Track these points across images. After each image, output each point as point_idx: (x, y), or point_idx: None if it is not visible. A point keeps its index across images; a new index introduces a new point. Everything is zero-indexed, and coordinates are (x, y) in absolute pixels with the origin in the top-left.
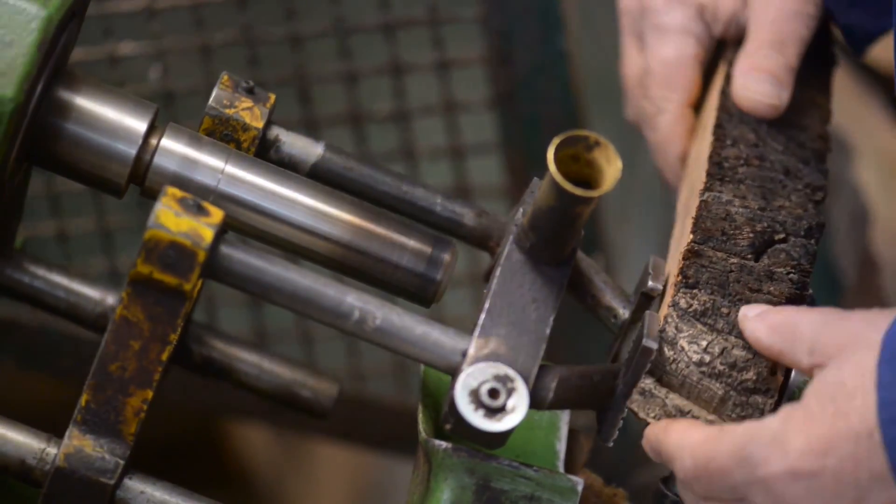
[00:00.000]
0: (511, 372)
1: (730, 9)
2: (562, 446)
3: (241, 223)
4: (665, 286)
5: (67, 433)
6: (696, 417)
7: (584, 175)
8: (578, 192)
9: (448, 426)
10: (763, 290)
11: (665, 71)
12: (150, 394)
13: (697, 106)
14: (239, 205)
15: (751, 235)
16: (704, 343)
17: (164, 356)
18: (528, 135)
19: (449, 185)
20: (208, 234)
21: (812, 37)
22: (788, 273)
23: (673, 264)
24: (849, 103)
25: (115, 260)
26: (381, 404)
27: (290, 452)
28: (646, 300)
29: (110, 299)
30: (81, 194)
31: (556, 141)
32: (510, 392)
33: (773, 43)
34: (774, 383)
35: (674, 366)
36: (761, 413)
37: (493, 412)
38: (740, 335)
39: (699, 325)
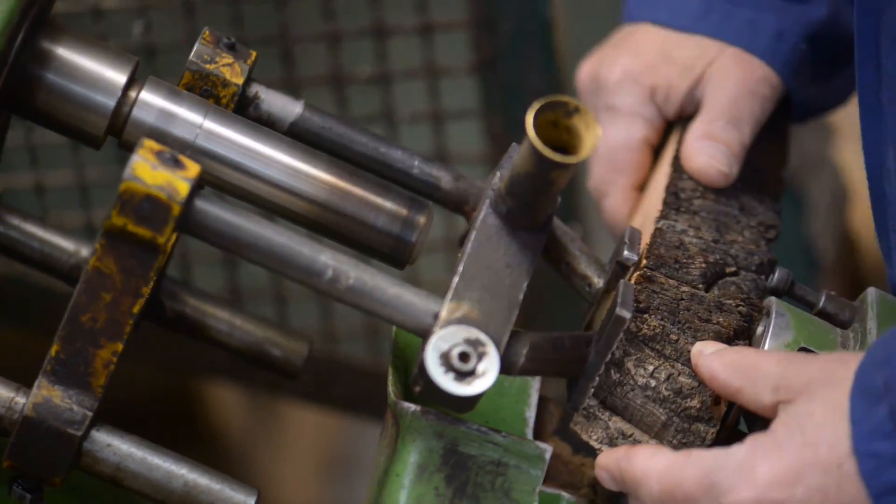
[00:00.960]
0: (482, 336)
1: (683, 90)
2: (531, 413)
3: (218, 179)
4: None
5: (36, 383)
6: (637, 442)
7: (563, 141)
8: (556, 157)
9: (417, 388)
10: (712, 321)
11: (611, 154)
12: (120, 346)
13: (643, 186)
14: (216, 160)
15: (703, 266)
16: (651, 368)
17: (136, 309)
18: (510, 102)
19: (428, 150)
20: (184, 188)
21: (765, 117)
22: (738, 306)
23: None
24: None
25: (92, 214)
26: (352, 366)
27: (261, 413)
28: (621, 270)
29: (84, 251)
30: (60, 147)
31: (535, 106)
32: (481, 356)
33: (730, 118)
34: (717, 413)
35: (619, 388)
36: (702, 441)
37: (463, 376)
38: (687, 363)
39: (647, 350)
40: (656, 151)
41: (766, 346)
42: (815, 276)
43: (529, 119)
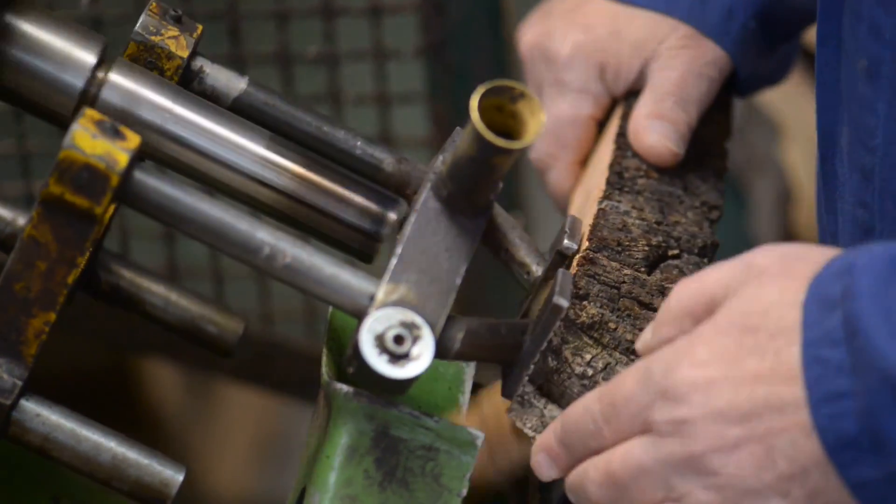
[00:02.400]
0: (418, 319)
1: (633, 69)
2: (465, 399)
3: (186, 165)
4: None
5: None
6: None
7: (507, 126)
8: (500, 142)
9: (351, 370)
10: (654, 306)
11: (557, 129)
12: (53, 316)
13: (586, 161)
14: (184, 146)
15: (646, 248)
16: (588, 357)
17: (70, 279)
18: (457, 86)
19: (374, 133)
20: (123, 159)
21: (711, 99)
22: None
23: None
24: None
25: (33, 185)
26: (290, 348)
27: (198, 392)
28: (560, 258)
29: (21, 220)
30: (1, 116)
31: (480, 89)
32: (416, 339)
33: (678, 99)
34: None
35: (556, 376)
36: None
37: (397, 358)
38: (625, 352)
39: (585, 338)
40: (601, 127)
41: None
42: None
43: (474, 102)
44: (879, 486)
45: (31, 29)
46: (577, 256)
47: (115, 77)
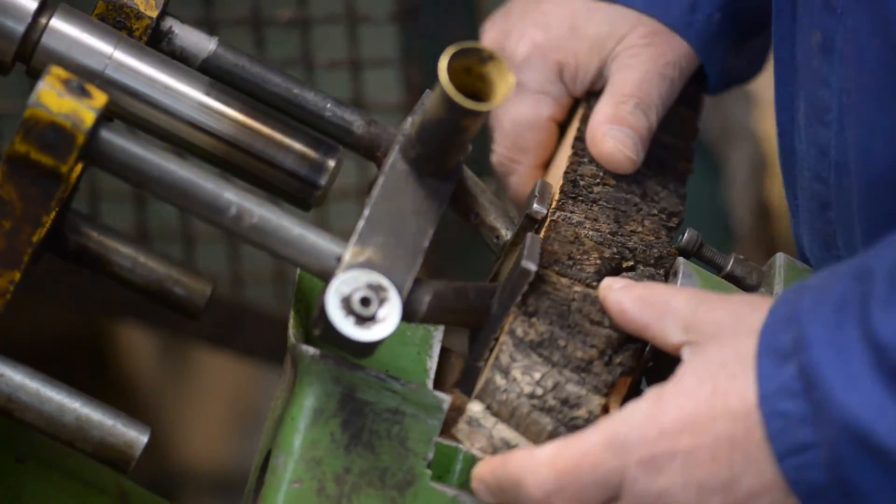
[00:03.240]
0: (385, 281)
1: (592, 68)
2: (432, 364)
3: (126, 111)
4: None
5: None
6: None
7: (476, 89)
8: (468, 104)
9: (317, 332)
10: (604, 323)
11: (516, 132)
12: (17, 275)
13: (548, 164)
14: (125, 92)
15: (598, 262)
16: (538, 375)
17: (35, 238)
18: (430, 52)
19: (346, 98)
20: (89, 117)
21: (673, 100)
22: None
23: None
24: None
25: (3, 147)
26: (259, 312)
27: (171, 357)
28: (529, 222)
29: None
30: None
31: (449, 51)
32: (382, 302)
33: (639, 102)
34: None
35: (505, 395)
36: None
37: (364, 321)
38: (576, 370)
39: (534, 356)
40: (562, 128)
41: None
42: (731, 245)
43: (443, 64)
44: None
45: None
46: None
47: (57, 23)
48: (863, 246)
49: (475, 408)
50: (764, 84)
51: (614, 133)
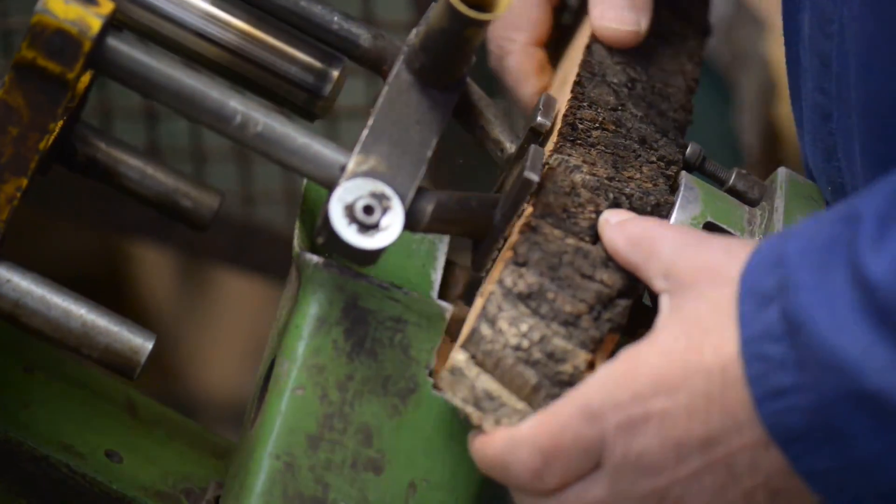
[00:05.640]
0: (388, 190)
1: None
2: (437, 276)
3: (133, 20)
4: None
5: None
6: (504, 405)
7: None
8: (471, 13)
9: (320, 240)
10: (595, 278)
11: (509, 11)
12: (24, 182)
13: (546, 44)
14: (131, 1)
15: (593, 216)
16: (525, 327)
17: (42, 145)
18: None
19: (355, 15)
20: (96, 24)
21: None
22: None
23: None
24: None
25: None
26: (271, 231)
27: (187, 278)
28: (533, 135)
29: None
30: None
31: None
32: (385, 210)
33: None
34: None
35: (490, 346)
36: None
37: (367, 228)
38: (563, 324)
39: (522, 307)
40: (557, 9)
41: (674, 219)
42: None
43: None
44: (837, 475)
45: None
46: (520, 223)
47: None
48: (861, 158)
49: (459, 357)
50: (774, 9)
51: (608, 12)
